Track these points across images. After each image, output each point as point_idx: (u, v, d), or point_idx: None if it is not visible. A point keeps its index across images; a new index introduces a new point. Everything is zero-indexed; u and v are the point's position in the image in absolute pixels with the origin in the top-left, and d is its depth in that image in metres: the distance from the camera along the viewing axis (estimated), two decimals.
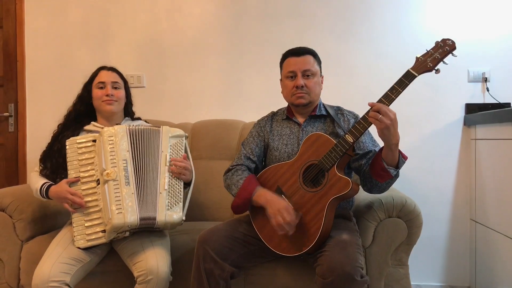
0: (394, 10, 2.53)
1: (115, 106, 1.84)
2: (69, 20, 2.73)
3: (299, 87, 1.69)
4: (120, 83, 1.87)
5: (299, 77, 1.69)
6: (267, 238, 1.61)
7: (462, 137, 2.47)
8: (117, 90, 1.85)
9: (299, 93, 1.70)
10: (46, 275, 1.48)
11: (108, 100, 1.82)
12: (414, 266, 1.98)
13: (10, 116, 2.75)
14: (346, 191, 1.48)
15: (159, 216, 1.61)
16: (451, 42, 1.44)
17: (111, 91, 1.82)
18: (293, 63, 1.71)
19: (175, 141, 1.75)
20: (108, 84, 1.83)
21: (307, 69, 1.70)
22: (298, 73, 1.69)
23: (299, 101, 1.71)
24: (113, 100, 1.82)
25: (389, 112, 1.41)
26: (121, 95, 1.86)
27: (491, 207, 2.18)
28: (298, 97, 1.70)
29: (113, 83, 1.85)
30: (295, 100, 1.72)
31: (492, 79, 2.45)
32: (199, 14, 2.66)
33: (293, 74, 1.71)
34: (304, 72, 1.70)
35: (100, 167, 1.62)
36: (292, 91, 1.71)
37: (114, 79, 1.86)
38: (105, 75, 1.86)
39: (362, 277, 1.39)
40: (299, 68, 1.69)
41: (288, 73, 1.72)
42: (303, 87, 1.69)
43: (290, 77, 1.72)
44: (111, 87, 1.83)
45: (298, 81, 1.69)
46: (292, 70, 1.71)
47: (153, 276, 1.51)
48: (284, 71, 1.75)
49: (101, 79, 1.84)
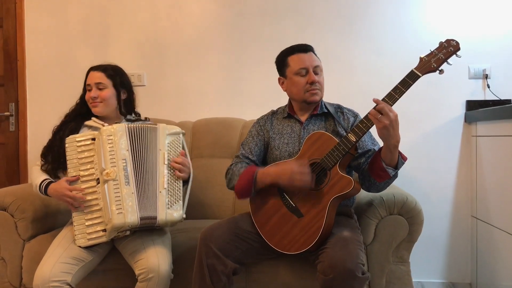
0: (394, 7, 2.52)
1: (100, 107, 1.81)
2: (69, 19, 2.73)
3: (314, 83, 1.66)
4: (105, 83, 1.82)
5: (312, 73, 1.66)
6: (268, 236, 1.61)
7: (463, 134, 2.47)
8: (102, 91, 1.81)
9: (314, 90, 1.67)
10: (47, 275, 1.48)
11: (93, 103, 1.81)
12: (415, 263, 1.98)
13: (11, 116, 2.75)
14: (348, 190, 1.48)
15: (159, 215, 1.62)
16: (455, 43, 1.43)
17: (94, 93, 1.80)
18: (304, 59, 1.68)
19: (173, 139, 1.75)
20: (93, 86, 1.81)
21: (317, 65, 1.69)
22: (310, 69, 1.67)
23: (313, 98, 1.68)
24: (97, 102, 1.80)
25: (389, 112, 1.40)
26: (107, 95, 1.81)
27: (492, 204, 2.18)
28: (312, 94, 1.67)
29: (97, 84, 1.81)
30: (309, 97, 1.68)
31: (492, 76, 2.44)
32: (199, 12, 2.66)
33: (306, 71, 1.68)
34: (315, 69, 1.68)
35: (100, 167, 1.62)
36: (306, 88, 1.67)
37: (98, 80, 1.81)
38: (91, 76, 1.84)
39: (363, 273, 1.39)
40: (310, 64, 1.67)
41: (299, 69, 1.67)
42: (317, 83, 1.67)
43: (301, 73, 1.68)
44: (96, 88, 1.81)
45: (312, 77, 1.66)
46: (305, 66, 1.67)
47: (154, 274, 1.51)
48: (293, 67, 1.69)
49: (88, 81, 1.83)
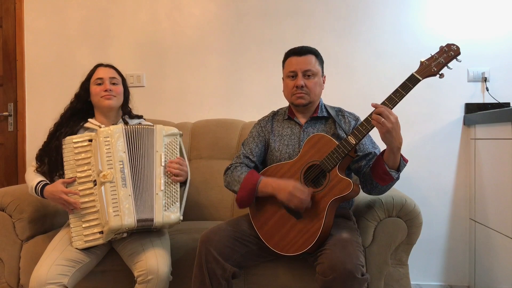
0: (394, 10, 2.53)
1: (114, 101, 1.83)
2: (69, 20, 2.72)
3: (299, 87, 1.69)
4: (118, 79, 1.87)
5: (299, 77, 1.69)
6: (267, 237, 1.60)
7: (462, 137, 2.47)
8: (116, 86, 1.84)
9: (299, 93, 1.70)
10: (43, 277, 1.47)
11: (107, 95, 1.80)
12: (414, 266, 1.98)
13: (10, 116, 2.75)
14: (347, 193, 1.49)
15: (156, 218, 1.61)
16: (455, 47, 1.45)
17: (109, 86, 1.81)
18: (294, 62, 1.71)
19: (170, 140, 1.75)
20: (106, 80, 1.82)
21: (308, 69, 1.69)
22: (299, 73, 1.69)
23: (299, 101, 1.71)
24: (112, 95, 1.81)
25: (390, 115, 1.41)
26: (120, 91, 1.86)
27: (491, 206, 2.18)
28: (297, 97, 1.70)
29: (111, 78, 1.84)
30: (294, 100, 1.72)
31: (491, 79, 2.45)
32: (199, 13, 2.66)
33: (294, 74, 1.71)
34: (305, 72, 1.69)
35: (97, 169, 1.61)
36: (292, 91, 1.71)
37: (112, 75, 1.85)
38: (103, 71, 1.85)
39: (363, 274, 1.39)
40: (300, 68, 1.69)
41: (289, 72, 1.72)
42: (303, 87, 1.69)
43: (291, 76, 1.72)
44: (109, 82, 1.82)
45: (298, 81, 1.69)
46: (293, 69, 1.70)
47: (153, 275, 1.51)
48: (285, 70, 1.75)
49: (99, 75, 1.84)
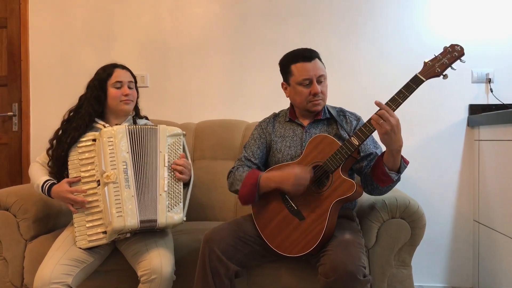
0: (398, 11, 2.53)
1: (131, 105, 1.84)
2: (73, 20, 2.73)
3: (317, 95, 1.66)
4: (133, 83, 1.86)
5: (315, 85, 1.65)
6: (270, 238, 1.60)
7: (466, 138, 2.47)
8: (132, 90, 1.83)
9: (316, 100, 1.67)
10: (47, 277, 1.48)
11: (126, 100, 1.80)
12: (417, 267, 1.97)
13: (14, 116, 2.76)
14: (350, 194, 1.49)
15: (159, 218, 1.61)
16: (459, 48, 1.43)
17: (128, 91, 1.80)
18: (307, 69, 1.65)
19: (173, 140, 1.74)
20: (125, 84, 1.81)
21: (321, 74, 1.66)
22: (314, 79, 1.65)
23: (316, 108, 1.69)
24: (130, 100, 1.81)
25: (390, 118, 1.40)
26: (135, 95, 1.86)
27: (495, 208, 2.17)
28: (315, 104, 1.67)
29: (130, 82, 1.83)
30: (311, 107, 1.68)
31: (496, 80, 2.45)
32: (202, 14, 2.66)
33: (309, 81, 1.66)
34: (319, 78, 1.66)
35: (100, 169, 1.62)
36: (309, 98, 1.67)
37: (130, 79, 1.84)
38: (122, 74, 1.82)
39: (365, 276, 1.39)
40: (314, 74, 1.65)
41: (303, 80, 1.65)
42: (320, 93, 1.66)
43: (305, 84, 1.66)
44: (128, 86, 1.82)
45: (315, 88, 1.64)
46: (308, 77, 1.65)
47: (156, 275, 1.51)
48: (297, 77, 1.67)
49: (118, 78, 1.80)
